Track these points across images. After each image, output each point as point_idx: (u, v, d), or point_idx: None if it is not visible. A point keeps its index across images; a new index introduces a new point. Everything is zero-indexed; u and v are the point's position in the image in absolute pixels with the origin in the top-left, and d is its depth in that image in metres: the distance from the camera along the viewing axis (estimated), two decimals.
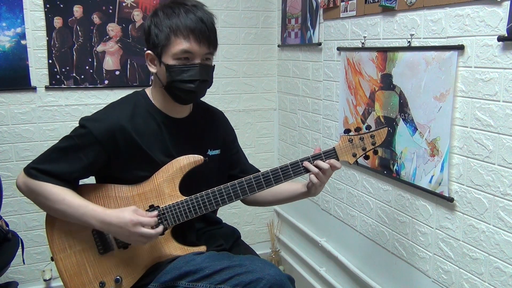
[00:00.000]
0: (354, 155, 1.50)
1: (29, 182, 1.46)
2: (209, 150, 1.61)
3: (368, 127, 1.51)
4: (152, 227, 1.42)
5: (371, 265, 2.15)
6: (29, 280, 2.67)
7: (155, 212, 1.45)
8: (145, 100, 1.55)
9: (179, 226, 1.51)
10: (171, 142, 1.52)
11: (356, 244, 2.24)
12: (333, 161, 1.48)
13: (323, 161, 1.48)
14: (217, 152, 1.63)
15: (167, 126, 1.53)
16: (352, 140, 1.49)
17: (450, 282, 1.68)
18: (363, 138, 1.49)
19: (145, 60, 1.51)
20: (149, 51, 1.49)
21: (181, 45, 1.42)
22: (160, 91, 1.52)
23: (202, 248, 1.52)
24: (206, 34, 1.43)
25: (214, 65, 1.52)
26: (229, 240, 1.67)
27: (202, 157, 1.51)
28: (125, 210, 1.41)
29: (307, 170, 1.48)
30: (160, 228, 1.44)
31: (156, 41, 1.45)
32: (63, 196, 1.43)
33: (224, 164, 1.67)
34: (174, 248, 1.50)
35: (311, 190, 1.56)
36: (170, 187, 1.49)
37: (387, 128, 1.52)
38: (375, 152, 1.54)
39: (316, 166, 1.47)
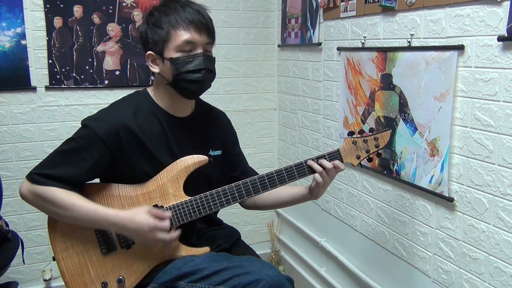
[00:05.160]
0: (358, 157, 1.51)
1: (34, 189, 1.43)
2: (210, 150, 1.61)
3: (371, 130, 1.52)
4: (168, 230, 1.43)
5: (371, 265, 2.15)
6: (29, 280, 2.67)
7: (169, 214, 1.45)
8: (147, 99, 1.54)
9: (181, 226, 1.50)
10: (174, 141, 1.52)
11: (356, 244, 2.24)
12: (337, 162, 1.49)
13: (327, 161, 1.48)
14: (218, 152, 1.63)
15: (170, 125, 1.53)
16: (356, 142, 1.50)
17: (450, 282, 1.68)
18: (366, 140, 1.50)
19: (146, 61, 1.51)
20: (149, 52, 1.49)
21: (182, 36, 1.43)
22: (164, 89, 1.52)
23: (206, 249, 1.51)
24: (205, 23, 1.46)
25: (215, 57, 1.53)
26: (229, 241, 1.67)
27: (206, 157, 1.50)
28: (138, 212, 1.41)
29: (311, 170, 1.49)
30: (176, 233, 1.44)
31: (156, 39, 1.45)
32: (72, 201, 1.41)
33: (225, 165, 1.67)
34: (178, 249, 1.50)
35: (313, 192, 1.56)
36: (174, 187, 1.49)
37: (390, 130, 1.53)
38: (378, 155, 1.55)
39: (320, 165, 1.48)
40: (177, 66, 1.44)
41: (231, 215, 2.98)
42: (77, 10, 2.54)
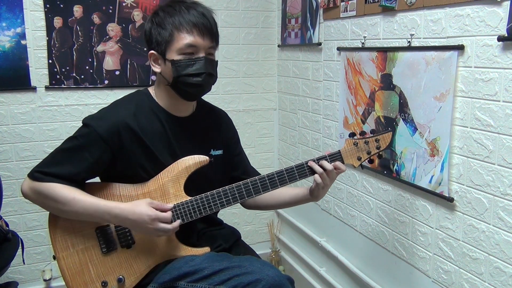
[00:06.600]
0: (359, 159, 1.51)
1: (35, 186, 1.44)
2: (212, 150, 1.61)
3: (373, 131, 1.52)
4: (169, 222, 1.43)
5: (371, 265, 2.15)
6: (29, 280, 2.67)
7: (170, 205, 1.45)
8: (148, 98, 1.55)
9: (182, 226, 1.51)
10: (174, 141, 1.53)
11: (356, 244, 2.24)
12: (338, 163, 1.49)
13: (328, 163, 1.48)
14: (219, 152, 1.63)
15: (171, 125, 1.53)
16: (357, 143, 1.50)
17: (450, 282, 1.68)
18: (368, 142, 1.50)
19: (148, 60, 1.52)
20: (152, 51, 1.49)
21: (185, 39, 1.43)
22: (164, 89, 1.52)
23: (206, 249, 1.52)
24: (209, 27, 1.46)
25: (217, 60, 1.53)
26: (229, 241, 1.67)
27: (207, 157, 1.51)
28: (139, 204, 1.41)
29: (311, 171, 1.49)
30: (177, 223, 1.44)
31: (159, 39, 1.46)
32: (73, 195, 1.42)
33: (227, 165, 1.67)
34: (178, 249, 1.50)
35: (314, 193, 1.55)
36: (175, 187, 1.49)
37: (391, 132, 1.52)
38: (379, 156, 1.54)
39: (321, 167, 1.48)
40: (178, 68, 1.44)
41: (231, 215, 2.98)
42: (77, 10, 2.54)
